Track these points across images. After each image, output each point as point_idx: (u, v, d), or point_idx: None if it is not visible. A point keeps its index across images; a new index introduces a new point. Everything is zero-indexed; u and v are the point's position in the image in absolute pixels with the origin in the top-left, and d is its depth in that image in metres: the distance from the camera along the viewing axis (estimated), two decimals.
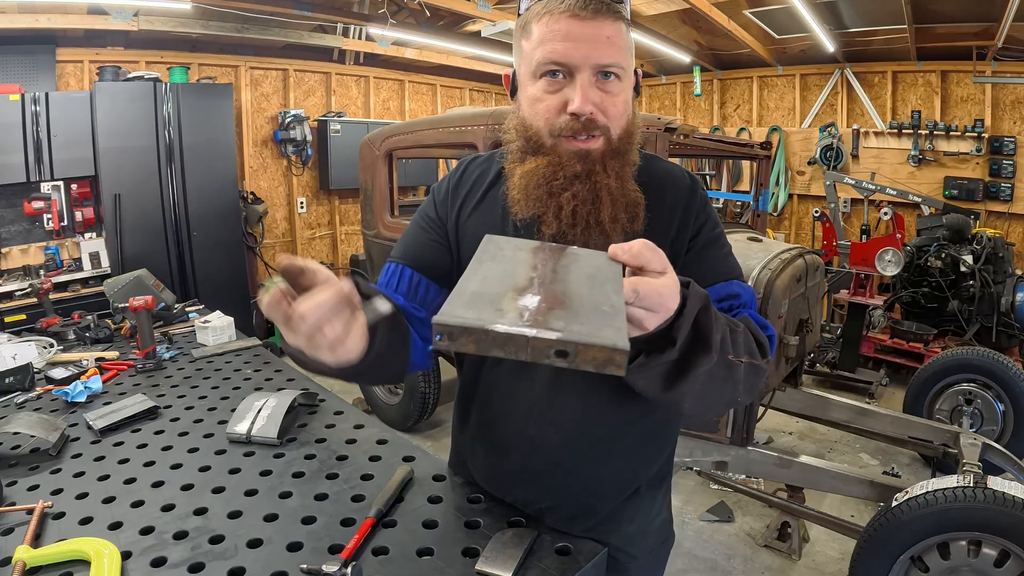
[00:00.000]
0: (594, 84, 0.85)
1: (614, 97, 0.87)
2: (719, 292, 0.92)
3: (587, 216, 0.87)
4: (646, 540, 1.10)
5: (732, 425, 2.40)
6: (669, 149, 2.61)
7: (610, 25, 0.84)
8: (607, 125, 0.87)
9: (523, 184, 0.90)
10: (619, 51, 0.86)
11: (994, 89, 5.17)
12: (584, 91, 0.84)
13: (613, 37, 0.84)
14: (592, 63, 0.84)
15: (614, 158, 0.88)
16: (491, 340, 0.50)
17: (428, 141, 3.49)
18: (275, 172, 5.68)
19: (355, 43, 5.60)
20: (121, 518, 1.06)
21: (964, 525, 1.83)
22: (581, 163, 0.87)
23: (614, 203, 0.88)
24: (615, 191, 0.88)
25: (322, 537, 1.01)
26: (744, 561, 2.62)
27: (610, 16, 0.84)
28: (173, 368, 1.92)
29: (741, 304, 0.94)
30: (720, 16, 4.96)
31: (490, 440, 1.09)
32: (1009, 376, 3.11)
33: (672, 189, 0.98)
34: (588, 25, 0.83)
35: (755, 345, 0.84)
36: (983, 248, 4.39)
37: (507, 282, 0.58)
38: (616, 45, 0.85)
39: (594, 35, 0.83)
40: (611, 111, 0.87)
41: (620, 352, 0.49)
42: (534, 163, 0.89)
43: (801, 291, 2.56)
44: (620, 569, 1.07)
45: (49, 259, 4.12)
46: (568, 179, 0.87)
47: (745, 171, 6.51)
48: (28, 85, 4.03)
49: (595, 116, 0.85)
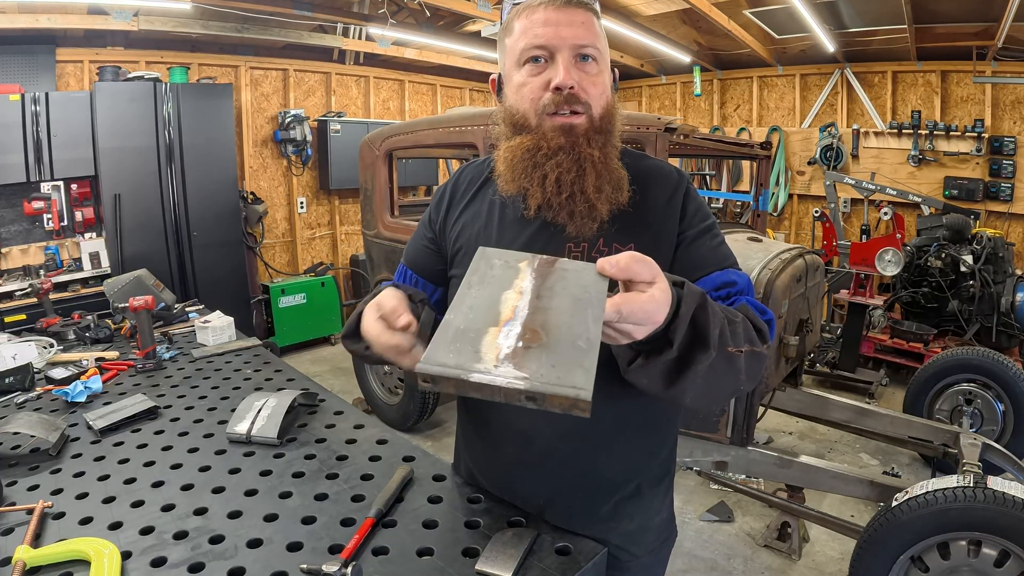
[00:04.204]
0: (574, 64, 0.92)
1: (593, 77, 0.93)
2: (714, 281, 0.95)
3: (571, 184, 0.92)
4: (647, 538, 1.10)
5: (732, 425, 2.40)
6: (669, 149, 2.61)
7: (583, 13, 0.93)
8: (588, 102, 0.93)
9: (508, 157, 0.95)
10: (594, 35, 0.93)
11: (994, 89, 5.17)
12: (566, 68, 0.91)
13: (587, 23, 0.93)
14: (570, 43, 0.91)
15: (597, 134, 0.94)
16: (468, 386, 0.54)
17: (428, 141, 3.49)
18: (275, 172, 5.68)
19: (355, 43, 5.60)
20: (121, 518, 1.06)
21: (964, 525, 1.83)
22: (565, 136, 0.92)
23: (598, 174, 0.92)
24: (598, 162, 0.92)
25: (322, 537, 1.01)
26: (744, 561, 2.62)
27: (582, 7, 0.93)
28: (173, 368, 1.92)
29: (738, 291, 0.95)
30: (720, 16, 4.96)
31: (486, 434, 1.12)
32: (1009, 376, 3.10)
33: (657, 183, 1.01)
34: (563, 12, 0.91)
35: (754, 333, 0.85)
36: (983, 248, 4.39)
37: (491, 313, 0.60)
38: (590, 30, 0.93)
39: (569, 20, 0.91)
40: (591, 90, 0.93)
41: (583, 401, 0.52)
42: (519, 140, 0.95)
43: (801, 291, 2.56)
44: (621, 568, 1.07)
45: (49, 259, 4.12)
46: (552, 150, 0.92)
47: (745, 171, 6.51)
48: (28, 85, 4.04)
49: (577, 91, 0.91)
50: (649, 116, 2.62)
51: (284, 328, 5.30)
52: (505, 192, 0.97)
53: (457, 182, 1.11)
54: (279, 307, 5.26)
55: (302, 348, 5.55)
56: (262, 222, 5.47)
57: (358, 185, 4.09)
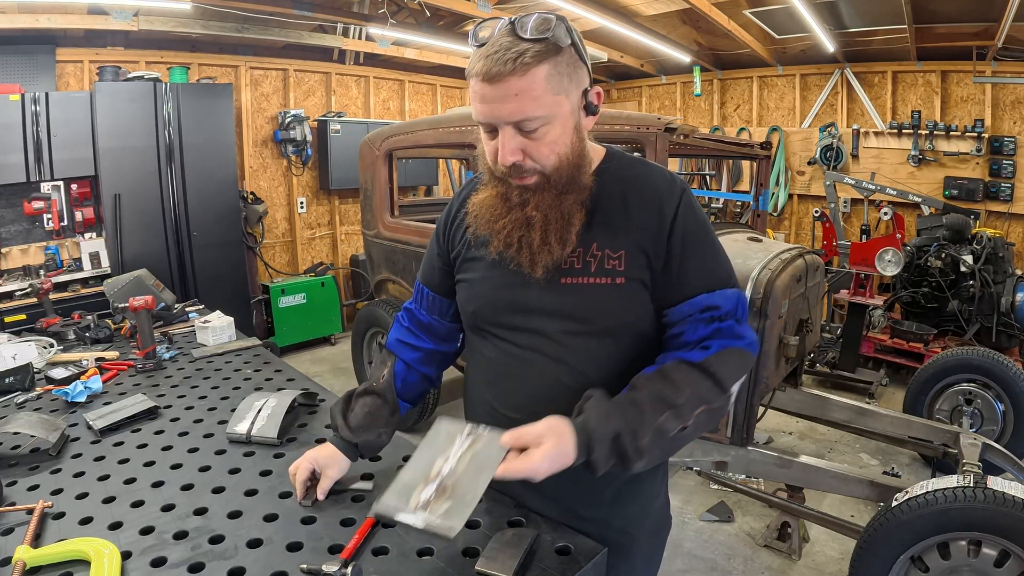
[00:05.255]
0: (516, 134, 0.94)
1: (538, 142, 0.95)
2: (698, 304, 1.00)
3: (519, 240, 1.00)
4: (647, 522, 1.15)
5: (732, 425, 2.40)
6: (669, 149, 2.61)
7: (517, 81, 0.89)
8: (535, 166, 0.97)
9: (476, 211, 1.06)
10: (531, 101, 0.90)
11: (994, 89, 5.17)
12: (505, 146, 0.94)
13: (523, 92, 0.89)
14: (505, 120, 0.92)
15: (548, 190, 0.99)
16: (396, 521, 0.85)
17: (428, 141, 3.49)
18: (275, 172, 5.68)
19: (355, 43, 5.60)
20: (121, 518, 1.06)
21: (964, 525, 1.83)
22: (519, 195, 1.00)
23: (545, 230, 0.99)
24: (546, 218, 0.98)
25: (322, 537, 1.01)
26: (744, 561, 2.62)
27: (516, 73, 0.88)
28: (173, 368, 1.92)
29: (722, 315, 0.99)
30: (720, 16, 4.96)
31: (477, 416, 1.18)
32: (1009, 376, 3.10)
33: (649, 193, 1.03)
34: (497, 88, 0.90)
35: (708, 389, 0.95)
36: (983, 248, 4.39)
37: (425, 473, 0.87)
38: (526, 98, 0.90)
39: (503, 95, 0.90)
40: (536, 154, 0.95)
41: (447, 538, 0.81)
42: (485, 192, 1.04)
43: (801, 291, 2.56)
44: (622, 551, 1.09)
45: (49, 259, 4.12)
46: (507, 208, 1.01)
47: (745, 171, 6.51)
48: (28, 85, 4.03)
49: (521, 162, 0.95)
50: (649, 116, 2.62)
51: (284, 328, 5.30)
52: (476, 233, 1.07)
53: (462, 202, 1.18)
54: (279, 307, 5.26)
55: (302, 348, 5.55)
56: (262, 222, 5.47)
57: (358, 185, 4.09)
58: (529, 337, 1.05)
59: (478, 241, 1.09)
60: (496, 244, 1.03)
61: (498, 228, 1.01)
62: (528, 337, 1.05)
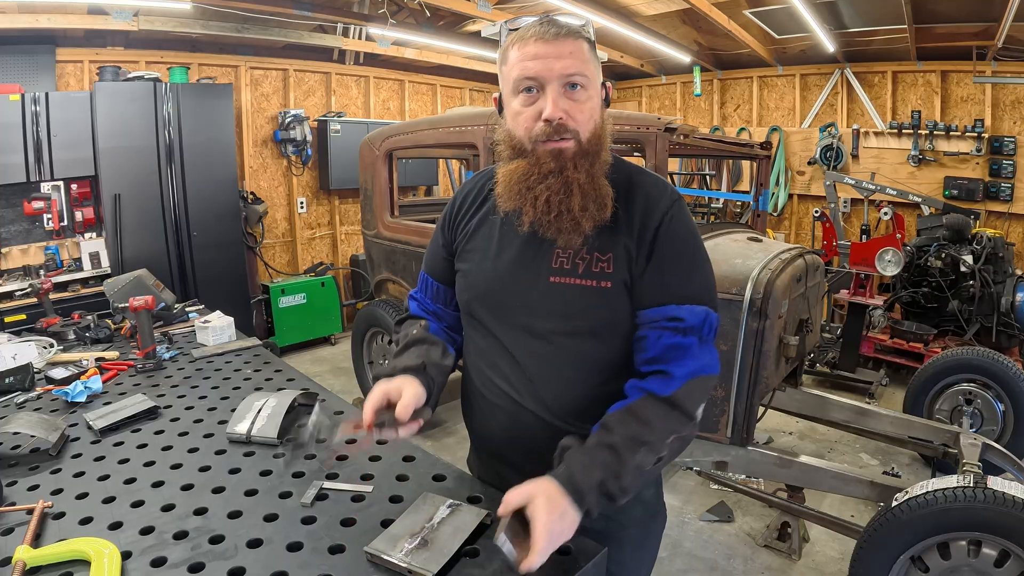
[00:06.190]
0: (563, 94, 0.99)
1: (581, 104, 1.01)
2: (663, 313, 1.02)
3: (559, 205, 1.01)
4: (636, 511, 1.16)
5: (732, 425, 2.39)
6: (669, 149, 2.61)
7: (571, 43, 0.99)
8: (576, 129, 1.01)
9: (506, 180, 1.05)
10: (581, 63, 1.00)
11: (994, 89, 5.17)
12: (554, 100, 0.99)
13: (575, 52, 0.99)
14: (558, 75, 0.98)
15: (584, 157, 1.02)
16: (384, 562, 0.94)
17: (428, 141, 3.49)
18: (275, 172, 5.68)
19: (355, 43, 5.60)
20: (121, 518, 1.06)
21: (964, 525, 1.83)
22: (555, 161, 1.01)
23: (584, 195, 1.01)
24: (584, 184, 1.01)
25: (322, 537, 1.01)
26: (744, 561, 2.62)
27: (571, 37, 1.00)
28: (173, 368, 1.92)
29: (685, 328, 1.01)
30: (720, 16, 4.96)
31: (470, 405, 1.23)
32: (1009, 376, 3.10)
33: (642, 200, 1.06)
34: (552, 45, 0.98)
35: (676, 420, 1.00)
36: (983, 248, 4.39)
37: (411, 529, 1.00)
38: (578, 58, 0.99)
39: (557, 52, 0.98)
40: (579, 117, 1.00)
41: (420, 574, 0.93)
42: (515, 164, 1.04)
43: (801, 291, 2.56)
44: (610, 540, 1.08)
45: (49, 259, 4.12)
46: (543, 175, 1.01)
47: (745, 171, 6.51)
48: (28, 85, 4.03)
49: (565, 121, 0.99)
50: (649, 116, 2.62)
51: (284, 328, 5.30)
52: (503, 209, 1.08)
53: (465, 195, 1.22)
54: (279, 307, 5.26)
55: (302, 348, 5.55)
56: (262, 222, 5.47)
57: (358, 185, 4.09)
58: (517, 332, 1.09)
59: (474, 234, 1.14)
60: (530, 212, 1.03)
61: (537, 193, 1.01)
62: (516, 332, 1.09)
